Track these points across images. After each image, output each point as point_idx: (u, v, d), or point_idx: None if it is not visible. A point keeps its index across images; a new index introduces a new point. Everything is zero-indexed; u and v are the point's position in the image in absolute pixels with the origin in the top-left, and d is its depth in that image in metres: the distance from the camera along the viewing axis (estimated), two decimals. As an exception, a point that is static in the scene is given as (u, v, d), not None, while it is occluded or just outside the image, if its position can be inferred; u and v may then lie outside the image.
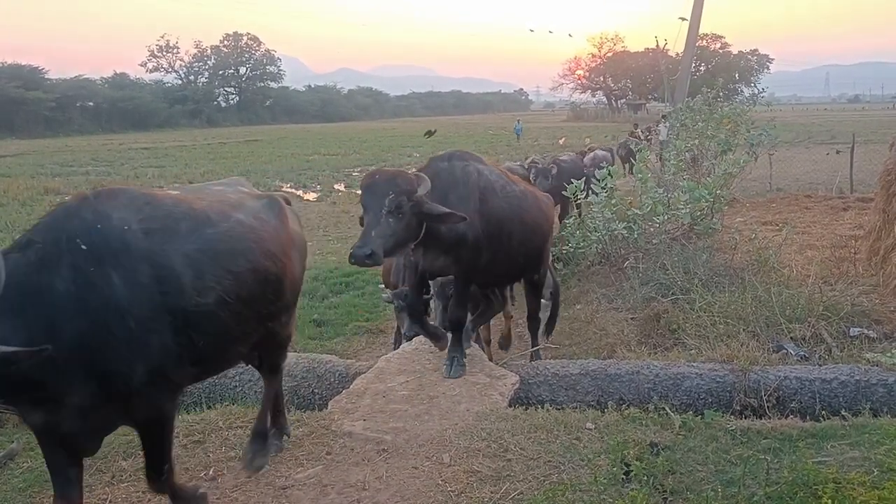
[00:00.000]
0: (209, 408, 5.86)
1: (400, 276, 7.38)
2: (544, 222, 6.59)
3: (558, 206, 14.11)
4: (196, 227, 3.58)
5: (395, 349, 7.38)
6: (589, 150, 18.86)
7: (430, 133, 28.74)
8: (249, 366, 6.54)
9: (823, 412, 5.53)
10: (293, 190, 25.11)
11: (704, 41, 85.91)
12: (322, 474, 4.50)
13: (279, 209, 4.32)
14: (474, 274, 5.94)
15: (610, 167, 12.62)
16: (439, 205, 5.21)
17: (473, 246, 5.64)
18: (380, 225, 4.91)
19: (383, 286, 8.09)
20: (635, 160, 13.12)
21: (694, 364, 6.15)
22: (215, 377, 6.51)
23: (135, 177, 29.14)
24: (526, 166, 14.24)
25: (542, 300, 7.30)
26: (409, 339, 7.08)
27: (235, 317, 3.67)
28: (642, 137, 26.66)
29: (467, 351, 6.59)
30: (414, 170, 5.64)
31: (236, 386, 6.59)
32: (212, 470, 4.61)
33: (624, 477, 4.19)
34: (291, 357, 6.80)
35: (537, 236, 6.40)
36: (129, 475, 4.55)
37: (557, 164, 13.52)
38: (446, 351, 6.19)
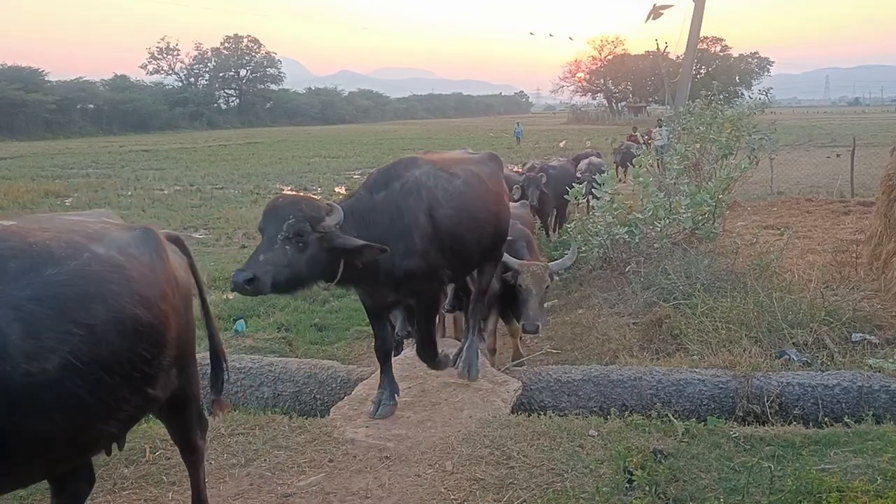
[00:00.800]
0: (210, 415, 5.84)
1: None
2: (494, 202, 5.87)
3: (555, 210, 14.10)
4: (31, 266, 2.69)
5: None
6: (582, 155, 18.62)
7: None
8: (251, 370, 6.59)
9: (826, 418, 5.54)
10: (294, 192, 25.07)
11: (705, 44, 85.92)
12: (324, 482, 4.49)
13: (156, 242, 3.36)
14: (435, 301, 5.68)
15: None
16: (374, 242, 4.65)
17: (427, 275, 5.21)
18: (272, 251, 4.39)
19: None
20: (632, 164, 13.05)
21: (696, 370, 6.15)
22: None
23: (135, 179, 29.12)
24: (524, 171, 14.21)
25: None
26: (400, 340, 7.10)
27: (93, 385, 2.74)
28: (641, 141, 26.63)
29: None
30: (335, 199, 5.46)
31: (237, 392, 6.59)
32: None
33: (627, 485, 4.19)
34: (293, 362, 6.82)
35: (491, 220, 5.81)
36: (132, 482, 4.53)
37: (546, 171, 13.38)
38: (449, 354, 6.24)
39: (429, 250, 5.11)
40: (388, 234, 4.88)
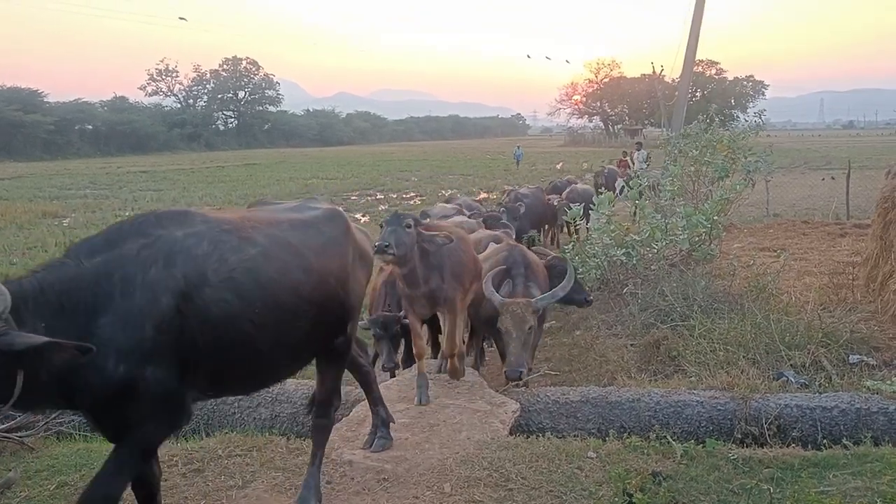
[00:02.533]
0: (208, 435, 5.84)
1: (381, 301, 7.38)
2: (317, 282, 4.07)
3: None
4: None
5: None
6: (561, 184, 18.11)
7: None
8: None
9: (825, 440, 5.52)
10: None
11: (700, 67, 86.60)
12: (322, 504, 4.47)
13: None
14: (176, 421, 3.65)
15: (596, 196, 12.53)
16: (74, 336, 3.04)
17: (157, 396, 3.37)
18: None
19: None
20: (614, 188, 12.84)
21: (695, 391, 6.14)
22: (214, 404, 6.53)
23: (133, 200, 29.14)
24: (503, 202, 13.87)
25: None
26: (388, 369, 7.15)
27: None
28: (631, 165, 26.70)
29: (468, 378, 6.59)
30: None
31: (235, 413, 6.56)
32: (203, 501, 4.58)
33: (627, 507, 4.17)
34: (290, 383, 6.79)
35: (309, 309, 4.00)
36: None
37: (522, 200, 13.00)
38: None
39: (168, 353, 3.36)
40: (100, 324, 3.22)
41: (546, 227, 15.13)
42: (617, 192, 15.06)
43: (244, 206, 18.73)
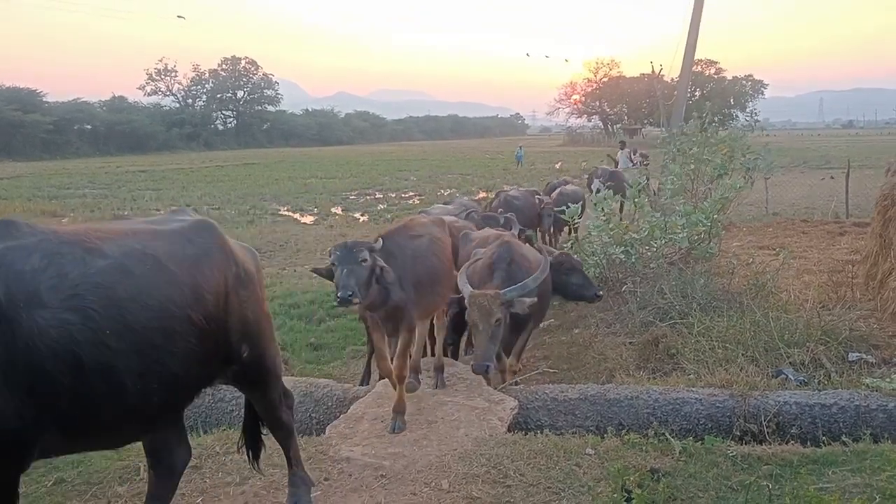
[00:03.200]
0: (206, 433, 5.82)
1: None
2: (197, 290, 3.53)
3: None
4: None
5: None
6: (558, 183, 17.16)
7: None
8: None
9: (824, 438, 5.51)
10: (290, 213, 25.09)
11: (699, 66, 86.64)
12: (320, 500, 4.47)
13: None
14: None
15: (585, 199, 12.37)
16: None
17: None
18: None
19: None
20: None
21: (693, 389, 6.13)
22: (212, 401, 6.52)
23: (132, 199, 29.14)
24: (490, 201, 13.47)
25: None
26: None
27: None
28: (634, 163, 26.66)
29: (466, 376, 6.58)
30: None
31: (233, 410, 6.54)
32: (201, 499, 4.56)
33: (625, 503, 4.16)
34: (288, 381, 6.77)
35: (182, 333, 3.40)
36: (125, 501, 4.50)
37: (510, 203, 12.29)
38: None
39: None
40: None
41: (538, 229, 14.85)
42: (593, 191, 14.85)
43: (244, 207, 18.51)
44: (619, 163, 25.22)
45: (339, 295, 4.94)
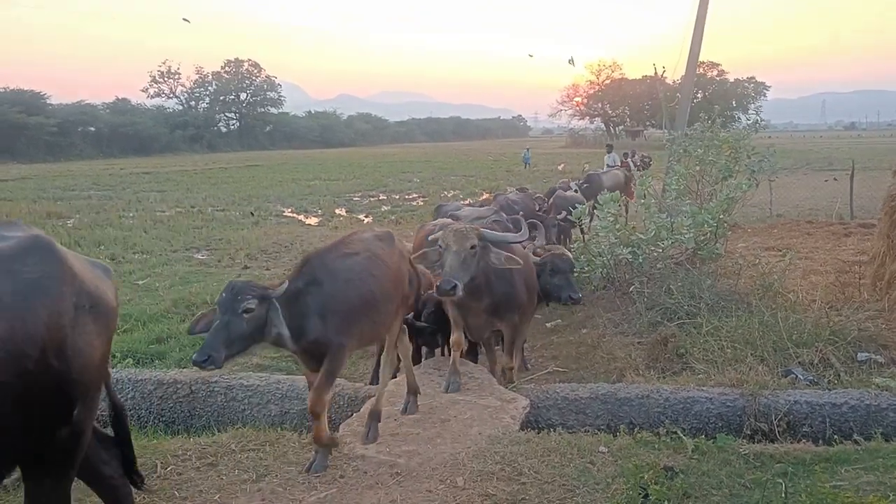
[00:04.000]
0: (219, 431, 5.85)
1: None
2: (19, 332, 2.82)
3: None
4: None
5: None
6: (562, 186, 16.57)
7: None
8: (259, 388, 6.59)
9: (835, 437, 5.54)
10: (295, 214, 25.13)
11: (701, 68, 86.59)
12: (336, 497, 4.50)
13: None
14: None
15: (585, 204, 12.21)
16: None
17: None
18: None
19: None
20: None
21: (703, 388, 6.16)
22: (224, 401, 6.56)
23: (137, 201, 29.17)
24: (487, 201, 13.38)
25: None
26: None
27: None
28: (632, 166, 26.62)
29: (477, 375, 6.61)
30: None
31: (245, 409, 6.59)
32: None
33: (643, 500, 4.19)
34: (300, 380, 6.82)
35: (8, 369, 2.78)
36: (143, 498, 4.53)
37: (510, 208, 11.51)
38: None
39: None
40: None
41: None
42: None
43: (248, 208, 18.51)
44: (606, 166, 25.15)
45: (194, 358, 4.08)
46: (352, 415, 5.96)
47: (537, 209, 13.10)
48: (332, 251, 5.09)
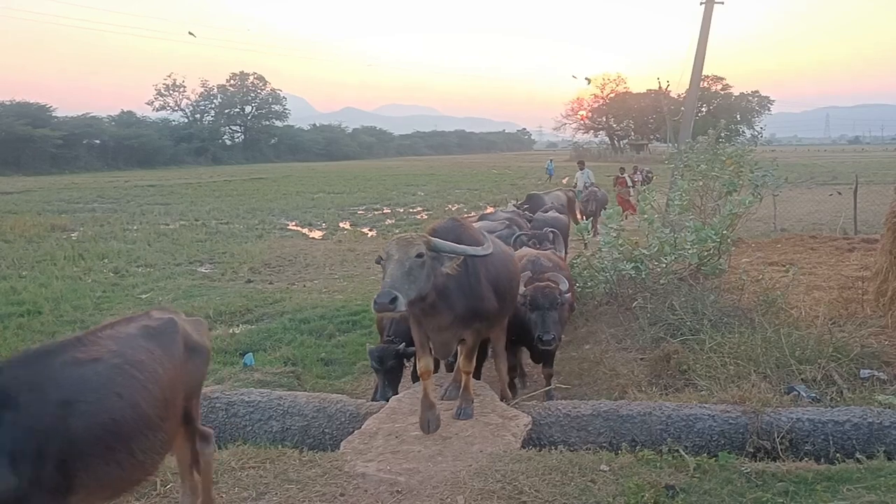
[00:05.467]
0: (221, 448, 5.84)
1: (385, 330, 7.34)
2: None
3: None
4: None
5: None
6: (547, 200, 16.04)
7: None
8: (260, 404, 6.59)
9: (837, 455, 5.51)
10: (299, 228, 25.17)
11: (706, 82, 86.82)
12: (336, 516, 4.48)
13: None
14: None
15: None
16: None
17: None
18: None
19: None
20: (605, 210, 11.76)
21: (706, 405, 6.13)
22: (225, 417, 6.55)
23: (141, 214, 29.28)
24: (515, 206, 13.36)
25: None
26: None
27: None
28: (630, 183, 26.52)
29: (478, 392, 6.60)
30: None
31: (246, 426, 6.58)
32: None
33: (642, 520, 4.17)
34: (301, 396, 6.82)
35: None
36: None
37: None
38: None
39: None
40: None
41: None
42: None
43: (252, 221, 18.61)
44: (577, 183, 24.73)
45: None
46: (353, 431, 5.94)
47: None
48: (55, 353, 3.38)
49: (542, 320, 6.62)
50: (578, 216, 19.65)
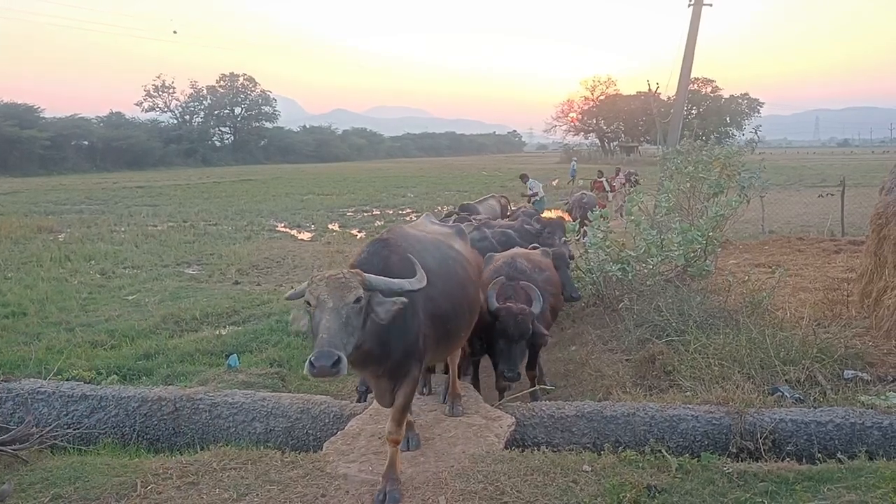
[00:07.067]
0: (203, 449, 5.81)
1: None
2: None
3: None
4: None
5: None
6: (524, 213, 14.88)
7: None
8: (244, 405, 6.56)
9: (820, 455, 5.53)
10: (287, 229, 25.11)
11: (696, 85, 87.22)
12: (317, 517, 4.46)
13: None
14: None
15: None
16: None
17: None
18: None
19: None
20: (590, 219, 11.55)
21: (690, 406, 6.14)
22: (209, 418, 6.52)
23: (129, 215, 29.14)
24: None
25: None
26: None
27: None
28: (607, 187, 26.44)
29: (463, 393, 6.58)
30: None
31: (230, 427, 6.54)
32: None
33: (622, 520, 4.16)
34: (285, 397, 6.79)
35: None
36: (122, 517, 4.49)
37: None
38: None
39: None
40: None
41: None
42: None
43: (241, 223, 18.53)
44: (531, 190, 23.74)
45: None
46: (336, 432, 5.91)
47: None
48: None
49: (507, 352, 6.27)
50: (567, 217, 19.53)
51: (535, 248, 8.95)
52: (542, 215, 14.21)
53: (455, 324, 5.31)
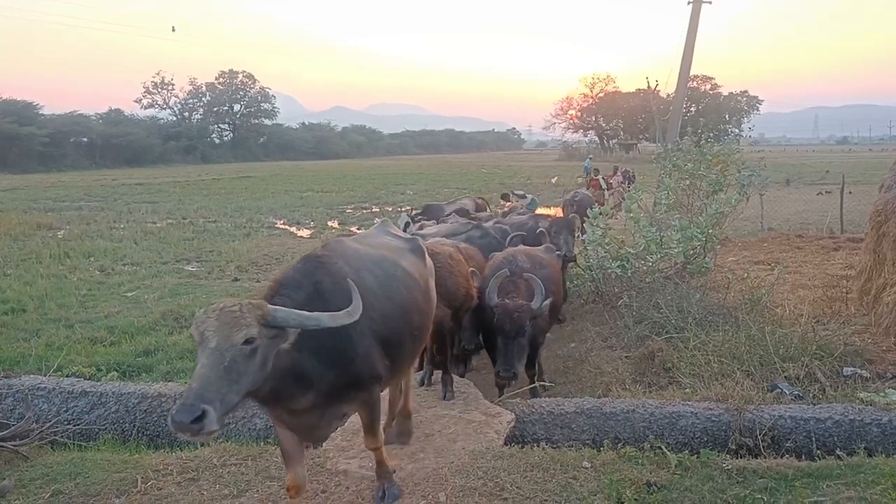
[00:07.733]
0: (202, 445, 5.82)
1: None
2: None
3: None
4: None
5: None
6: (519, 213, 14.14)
7: None
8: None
9: (819, 451, 5.54)
10: (287, 226, 25.10)
11: (695, 82, 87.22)
12: (317, 513, 4.46)
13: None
14: None
15: None
16: None
17: None
18: None
19: None
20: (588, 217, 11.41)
21: (689, 403, 6.15)
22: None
23: (128, 212, 29.12)
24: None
25: None
26: None
27: None
28: (604, 185, 26.39)
29: (462, 389, 6.60)
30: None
31: (229, 423, 6.54)
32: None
33: (621, 516, 4.17)
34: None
35: None
36: (122, 513, 4.50)
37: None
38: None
39: None
40: None
41: None
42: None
43: (240, 220, 18.48)
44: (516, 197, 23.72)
45: None
46: (336, 429, 5.91)
47: None
48: None
49: (504, 350, 6.15)
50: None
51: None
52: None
53: (397, 351, 4.45)
